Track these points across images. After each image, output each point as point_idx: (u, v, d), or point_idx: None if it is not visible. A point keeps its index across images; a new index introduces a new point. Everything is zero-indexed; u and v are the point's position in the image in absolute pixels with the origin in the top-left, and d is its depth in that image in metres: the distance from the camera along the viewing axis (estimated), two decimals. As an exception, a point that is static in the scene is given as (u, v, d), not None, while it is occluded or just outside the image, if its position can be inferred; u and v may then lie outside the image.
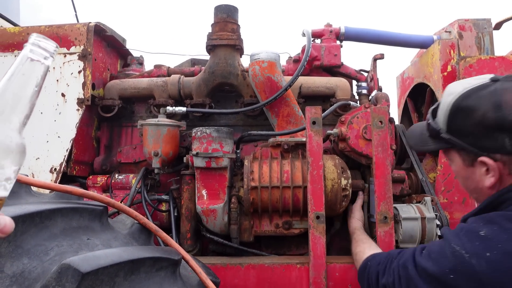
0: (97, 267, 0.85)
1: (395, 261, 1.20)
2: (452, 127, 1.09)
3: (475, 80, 1.07)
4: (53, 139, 2.03)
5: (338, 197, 1.78)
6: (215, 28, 2.12)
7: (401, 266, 1.14)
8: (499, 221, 0.99)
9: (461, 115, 1.06)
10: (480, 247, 0.97)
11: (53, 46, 0.61)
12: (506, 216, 0.99)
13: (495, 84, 1.03)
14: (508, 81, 1.03)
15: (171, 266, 1.07)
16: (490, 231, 0.98)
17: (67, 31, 2.11)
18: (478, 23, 2.21)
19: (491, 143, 1.01)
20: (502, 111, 0.98)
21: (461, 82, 1.11)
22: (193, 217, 1.91)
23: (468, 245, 0.99)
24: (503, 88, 1.01)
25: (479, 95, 1.03)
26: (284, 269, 1.67)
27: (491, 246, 0.95)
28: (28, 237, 0.92)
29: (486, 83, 1.04)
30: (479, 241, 0.98)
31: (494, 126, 0.99)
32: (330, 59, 2.25)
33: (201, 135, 1.80)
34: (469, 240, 1.00)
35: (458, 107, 1.06)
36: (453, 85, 1.12)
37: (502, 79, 1.04)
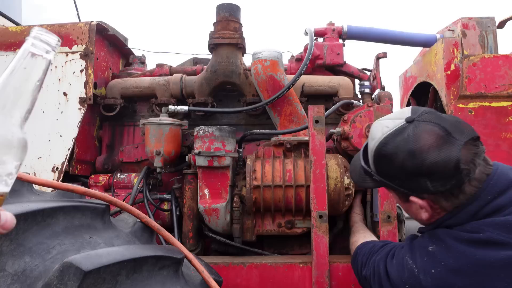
0: (99, 266, 0.85)
1: (375, 255, 1.26)
2: (379, 171, 1.13)
3: (393, 121, 1.09)
4: (55, 138, 2.02)
5: (341, 196, 1.77)
6: (217, 27, 2.11)
7: (376, 263, 1.21)
8: (444, 238, 1.03)
9: (384, 161, 1.09)
10: (427, 263, 1.02)
11: (55, 40, 0.60)
12: (450, 234, 1.03)
13: (409, 127, 1.04)
14: (422, 122, 1.04)
15: (174, 265, 1.06)
16: (436, 248, 1.03)
17: (69, 30, 2.11)
18: (481, 21, 2.19)
19: (416, 186, 1.04)
20: (417, 159, 1.00)
21: (381, 125, 1.12)
22: (195, 216, 1.90)
23: (418, 259, 1.05)
24: (415, 134, 1.02)
25: (395, 143, 1.05)
26: (287, 268, 1.66)
27: (436, 263, 1.00)
28: (30, 235, 0.92)
29: (402, 126, 1.06)
30: (427, 257, 1.03)
31: (413, 172, 1.02)
32: (332, 58, 2.24)
33: (203, 134, 1.79)
34: (420, 255, 1.06)
35: (380, 155, 1.09)
36: (374, 128, 1.14)
37: (417, 118, 1.05)
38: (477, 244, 0.96)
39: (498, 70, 1.83)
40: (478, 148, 1.02)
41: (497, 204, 0.99)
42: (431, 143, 1.00)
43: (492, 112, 1.81)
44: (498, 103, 1.81)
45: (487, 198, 1.00)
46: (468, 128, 1.03)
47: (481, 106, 1.81)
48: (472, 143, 1.00)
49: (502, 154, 1.78)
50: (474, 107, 1.82)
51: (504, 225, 0.95)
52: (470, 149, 1.00)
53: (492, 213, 0.99)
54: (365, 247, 1.39)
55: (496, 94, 1.80)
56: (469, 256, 0.95)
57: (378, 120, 1.16)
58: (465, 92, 1.80)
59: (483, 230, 0.97)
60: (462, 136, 1.00)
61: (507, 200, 0.99)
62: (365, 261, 1.31)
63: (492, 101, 1.81)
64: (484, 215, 1.00)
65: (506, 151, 1.78)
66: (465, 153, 0.98)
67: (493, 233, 0.95)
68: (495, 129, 1.80)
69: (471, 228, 1.00)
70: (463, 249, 0.97)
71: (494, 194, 0.99)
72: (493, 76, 1.81)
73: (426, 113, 1.06)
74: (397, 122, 1.07)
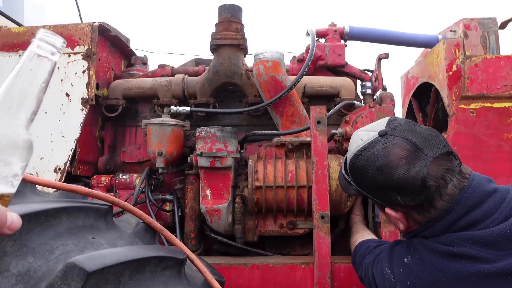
0: (102, 266, 0.85)
1: (367, 256, 1.29)
2: (355, 182, 1.14)
3: (367, 134, 1.09)
4: (58, 138, 2.03)
5: (342, 197, 1.77)
6: (219, 27, 2.12)
7: (366, 265, 1.25)
8: (419, 249, 1.04)
9: (357, 174, 1.10)
10: (403, 275, 1.04)
11: (61, 42, 0.60)
12: (425, 245, 1.03)
13: (380, 142, 1.04)
14: (393, 136, 1.03)
15: (176, 265, 1.06)
16: (412, 260, 1.04)
17: (71, 31, 2.12)
18: (483, 22, 2.19)
19: (387, 199, 1.05)
20: (385, 174, 1.01)
21: (357, 137, 1.13)
22: (197, 217, 1.90)
23: (395, 270, 1.07)
24: (384, 148, 1.02)
25: (366, 157, 1.06)
26: (289, 269, 1.66)
27: (412, 275, 1.01)
28: (33, 236, 0.92)
29: (374, 139, 1.06)
30: (403, 268, 1.05)
31: (384, 186, 1.03)
32: (334, 58, 2.24)
33: (206, 134, 1.79)
34: (397, 265, 1.07)
35: (353, 168, 1.11)
36: (352, 140, 1.15)
37: (389, 132, 1.04)
38: (451, 257, 0.96)
39: (500, 71, 1.83)
40: (451, 163, 1.00)
41: (471, 218, 0.98)
42: (400, 158, 1.00)
43: (494, 113, 1.81)
44: (500, 104, 1.81)
45: (460, 212, 0.99)
46: (442, 143, 1.01)
47: (483, 107, 1.81)
48: (443, 158, 0.99)
49: (504, 155, 1.77)
50: (476, 108, 1.82)
51: (478, 240, 0.94)
52: (441, 165, 0.99)
53: (467, 227, 0.98)
54: (361, 247, 1.41)
55: (498, 95, 1.80)
56: (443, 270, 0.96)
57: (356, 131, 1.17)
58: (467, 93, 1.80)
59: (457, 244, 0.96)
60: (432, 151, 0.99)
61: (481, 214, 0.97)
62: (359, 262, 1.34)
63: (494, 102, 1.81)
64: (459, 229, 0.99)
65: (508, 151, 1.78)
66: (434, 169, 0.97)
67: (466, 247, 0.95)
68: (497, 130, 1.80)
69: (445, 240, 0.99)
70: (437, 262, 0.97)
71: (468, 208, 0.98)
72: (495, 77, 1.81)
73: (400, 125, 1.05)
74: (371, 135, 1.08)
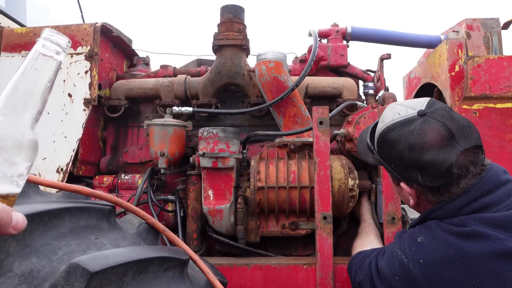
0: (105, 267, 0.85)
1: (367, 259, 1.30)
2: (379, 152, 1.18)
3: (406, 110, 1.12)
4: (60, 139, 2.03)
5: (345, 198, 1.77)
6: (221, 28, 2.12)
7: (367, 265, 1.26)
8: (433, 229, 1.07)
9: (385, 146, 1.14)
10: (416, 253, 1.05)
11: (66, 41, 0.60)
12: (440, 226, 1.06)
13: (418, 121, 1.07)
14: (432, 119, 1.06)
15: (179, 266, 1.06)
16: (425, 238, 1.06)
17: (73, 32, 2.12)
18: (486, 22, 2.18)
19: (408, 175, 1.10)
20: (415, 153, 1.05)
21: (393, 109, 1.15)
22: (199, 218, 1.90)
23: (407, 250, 1.08)
24: (421, 128, 1.05)
25: (400, 132, 1.09)
26: (291, 270, 1.66)
27: (425, 252, 1.03)
28: (36, 236, 0.92)
29: (412, 117, 1.09)
30: (415, 247, 1.06)
31: (409, 163, 1.07)
32: (336, 59, 2.24)
33: (208, 135, 1.79)
34: (409, 245, 1.09)
35: (383, 139, 1.14)
36: (387, 111, 1.18)
37: (429, 113, 1.07)
38: (464, 236, 0.99)
39: (502, 71, 1.82)
40: (477, 156, 1.05)
41: (485, 201, 1.03)
42: (433, 142, 1.03)
43: (496, 113, 1.80)
44: (503, 104, 1.81)
45: (475, 194, 1.03)
46: (475, 136, 1.05)
47: (486, 107, 1.81)
48: (472, 151, 1.03)
49: (507, 156, 1.77)
50: (478, 109, 1.81)
51: (490, 221, 0.99)
52: (469, 156, 1.03)
53: (480, 210, 1.03)
54: (358, 256, 1.43)
55: (501, 96, 1.80)
56: (457, 248, 0.98)
57: (393, 104, 1.20)
58: (469, 94, 1.80)
59: (469, 224, 1.00)
60: (465, 142, 1.03)
61: (495, 199, 1.02)
62: (358, 268, 1.35)
63: (497, 103, 1.81)
64: (472, 211, 1.04)
65: (511, 152, 1.77)
66: (461, 159, 1.02)
67: (478, 227, 0.98)
68: (500, 130, 1.79)
69: (458, 221, 1.03)
70: (452, 241, 1.00)
71: (483, 192, 1.03)
72: (498, 77, 1.81)
73: (440, 110, 1.08)
74: (409, 112, 1.10)
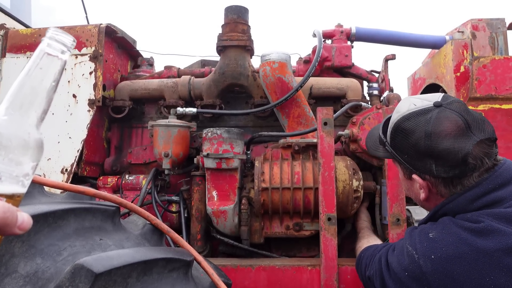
0: (110, 268, 0.85)
1: (377, 254, 1.28)
2: (393, 143, 1.18)
3: (421, 101, 1.13)
4: (64, 140, 2.04)
5: (349, 199, 1.76)
6: (225, 29, 2.12)
7: (378, 259, 1.24)
8: (447, 224, 1.06)
9: (400, 135, 1.14)
10: (427, 249, 1.03)
11: (71, 40, 0.60)
12: (453, 221, 1.05)
13: (435, 111, 1.09)
14: (448, 110, 1.08)
15: (184, 267, 1.06)
16: (438, 234, 1.05)
17: (78, 33, 2.13)
18: (491, 23, 2.17)
19: (422, 165, 1.10)
20: (431, 141, 1.05)
21: (409, 101, 1.17)
22: (203, 218, 1.90)
23: (418, 245, 1.06)
24: (438, 117, 1.07)
25: (417, 121, 1.10)
26: (295, 271, 1.65)
27: (437, 248, 1.02)
28: (41, 237, 0.92)
29: (428, 107, 1.10)
30: (427, 243, 1.05)
31: (424, 152, 1.07)
32: (341, 59, 2.23)
33: (212, 136, 1.79)
34: (420, 241, 1.07)
35: (398, 128, 1.14)
36: (402, 103, 1.19)
37: (445, 105, 1.09)
38: (478, 233, 0.98)
39: (508, 72, 1.81)
40: (492, 149, 1.06)
41: (497, 195, 1.02)
42: (449, 131, 1.04)
43: (502, 114, 1.79)
44: (509, 105, 1.79)
45: (488, 187, 1.03)
46: (490, 129, 1.06)
47: (491, 108, 1.80)
48: (487, 143, 1.05)
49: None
50: (484, 109, 1.80)
51: (503, 216, 0.98)
52: (483, 148, 1.04)
53: (492, 204, 1.02)
54: (368, 250, 1.41)
55: (507, 96, 1.79)
56: (470, 244, 0.97)
57: (407, 97, 1.22)
58: (475, 94, 1.79)
59: (483, 219, 0.99)
60: (480, 133, 1.04)
61: (507, 193, 1.02)
62: (368, 262, 1.33)
63: (503, 103, 1.80)
64: (483, 205, 1.03)
65: (517, 153, 1.76)
66: (476, 150, 1.03)
67: (492, 222, 0.98)
68: (506, 131, 1.78)
69: (471, 217, 1.03)
70: (465, 237, 0.99)
71: (495, 185, 1.03)
72: (504, 77, 1.80)
73: (456, 102, 1.10)
74: (425, 103, 1.12)
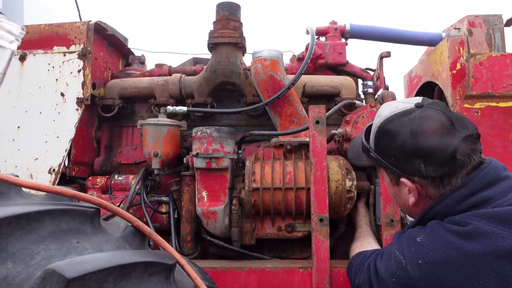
0: (83, 273, 0.81)
1: (366, 261, 1.26)
2: (378, 147, 1.16)
3: (402, 104, 1.14)
4: (52, 139, 1.99)
5: (342, 199, 1.72)
6: (217, 25, 2.07)
7: (366, 267, 1.22)
8: (435, 228, 1.03)
9: (385, 138, 1.12)
10: (414, 253, 1.01)
11: (18, 29, 0.56)
12: (442, 225, 1.03)
13: (417, 111, 1.09)
14: (430, 109, 1.08)
15: (165, 271, 1.01)
16: (425, 238, 1.03)
17: (66, 30, 2.08)
18: (488, 19, 2.13)
19: (410, 167, 1.08)
20: (418, 139, 1.05)
21: (390, 105, 1.17)
22: (193, 219, 1.86)
23: (406, 250, 1.04)
24: (422, 116, 1.07)
25: (401, 122, 1.09)
26: (286, 273, 1.61)
27: (424, 253, 0.99)
28: (13, 240, 0.88)
29: (410, 108, 1.10)
30: (414, 247, 1.03)
31: (411, 152, 1.06)
32: (335, 57, 2.19)
33: (201, 135, 1.75)
34: (407, 245, 1.05)
35: (382, 131, 1.13)
36: (383, 107, 1.19)
37: (426, 105, 1.10)
38: (466, 236, 0.96)
39: (505, 69, 1.77)
40: (477, 146, 1.06)
41: (484, 195, 1.01)
42: (435, 128, 1.04)
43: (499, 112, 1.75)
44: (506, 103, 1.76)
45: (474, 187, 1.02)
46: (471, 126, 1.07)
47: (488, 106, 1.76)
48: (471, 140, 1.04)
49: (510, 156, 1.72)
50: (480, 108, 1.77)
51: (492, 216, 0.96)
52: (469, 144, 1.04)
53: (480, 204, 1.01)
54: (358, 257, 1.39)
55: (504, 94, 1.75)
56: (458, 248, 0.95)
57: (388, 102, 1.21)
58: (471, 92, 1.75)
59: (471, 221, 0.97)
60: (464, 130, 1.04)
61: (494, 193, 1.01)
62: (357, 270, 1.31)
63: (500, 101, 1.76)
64: (471, 205, 1.01)
65: (514, 152, 1.72)
66: (463, 146, 1.02)
67: (480, 223, 0.95)
68: (503, 129, 1.75)
69: (459, 219, 1.00)
70: (453, 240, 0.97)
71: (482, 185, 1.02)
72: (501, 75, 1.76)
73: (436, 103, 1.11)
74: (406, 105, 1.12)
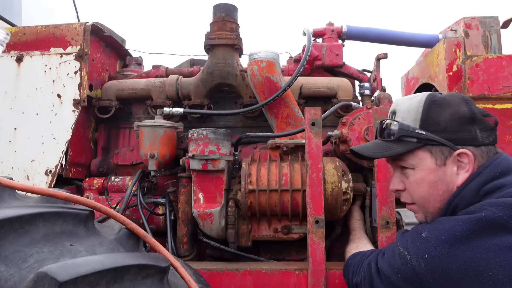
0: (76, 276, 0.80)
1: (365, 260, 1.25)
2: (427, 123, 1.10)
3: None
4: (49, 140, 1.99)
5: (338, 201, 1.72)
6: (214, 27, 2.07)
7: (366, 265, 1.21)
8: (443, 222, 1.02)
9: (436, 108, 1.10)
10: (420, 248, 1.00)
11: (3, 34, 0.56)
12: (450, 219, 1.02)
13: None
14: None
15: (158, 273, 1.01)
16: (430, 233, 1.01)
17: (63, 31, 2.08)
18: (485, 21, 2.13)
19: (466, 135, 1.07)
20: (471, 105, 1.08)
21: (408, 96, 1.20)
22: (189, 221, 1.86)
23: (410, 246, 1.03)
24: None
25: (445, 94, 1.13)
26: (282, 275, 1.61)
27: (430, 247, 0.98)
28: (6, 243, 0.88)
29: None
30: (419, 242, 1.01)
31: (467, 118, 1.06)
32: (331, 58, 2.19)
33: (198, 136, 1.75)
34: (412, 241, 1.04)
35: (432, 101, 1.11)
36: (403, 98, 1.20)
37: None
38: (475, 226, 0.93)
39: (502, 71, 1.78)
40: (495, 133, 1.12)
41: (498, 182, 1.01)
42: None
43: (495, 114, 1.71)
44: (502, 105, 1.76)
45: (489, 175, 1.03)
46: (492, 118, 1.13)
47: (484, 108, 1.76)
48: None
49: (506, 158, 1.72)
50: (477, 109, 1.77)
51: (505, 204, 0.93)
52: None
53: (493, 191, 1.00)
54: (356, 257, 1.37)
55: (500, 96, 1.75)
56: (465, 241, 0.93)
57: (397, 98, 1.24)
58: (467, 94, 1.75)
59: (484, 209, 0.95)
60: None
61: (508, 181, 1.01)
62: (355, 269, 1.30)
63: (496, 103, 1.76)
64: (486, 192, 1.02)
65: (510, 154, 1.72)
66: None
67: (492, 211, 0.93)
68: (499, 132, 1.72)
69: (474, 209, 0.98)
70: (460, 233, 0.94)
71: (496, 173, 1.03)
72: (497, 77, 1.76)
73: None
74: None
